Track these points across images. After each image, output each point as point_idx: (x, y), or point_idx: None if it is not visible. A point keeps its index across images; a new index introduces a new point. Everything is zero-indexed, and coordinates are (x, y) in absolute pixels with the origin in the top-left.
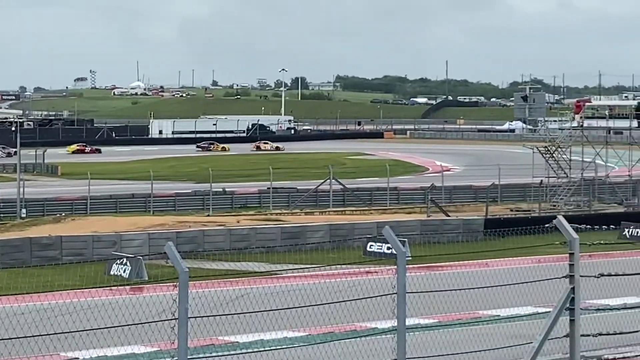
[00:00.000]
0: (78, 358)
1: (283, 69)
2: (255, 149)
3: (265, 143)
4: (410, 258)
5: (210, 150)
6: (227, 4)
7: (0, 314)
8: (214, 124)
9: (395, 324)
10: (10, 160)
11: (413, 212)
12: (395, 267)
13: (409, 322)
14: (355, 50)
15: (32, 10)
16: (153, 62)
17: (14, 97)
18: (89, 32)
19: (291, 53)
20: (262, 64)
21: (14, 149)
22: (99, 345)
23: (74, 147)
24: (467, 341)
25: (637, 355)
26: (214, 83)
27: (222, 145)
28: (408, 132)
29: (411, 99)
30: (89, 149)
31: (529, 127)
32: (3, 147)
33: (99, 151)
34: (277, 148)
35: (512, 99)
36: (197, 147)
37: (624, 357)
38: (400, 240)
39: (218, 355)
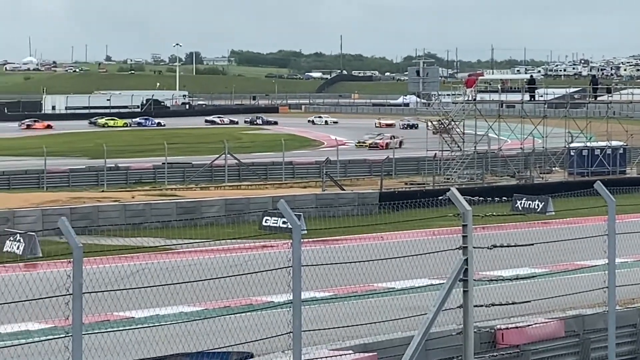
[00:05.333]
0: None
1: (177, 44)
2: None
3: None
4: (305, 232)
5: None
6: None
7: None
8: (107, 99)
9: (291, 297)
10: None
11: (308, 186)
12: (291, 240)
13: (305, 295)
14: (249, 25)
15: None
16: (45, 37)
17: None
18: None
19: (185, 28)
20: (156, 38)
21: None
22: None
23: None
24: (362, 313)
25: (528, 325)
26: (108, 58)
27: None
28: (303, 106)
29: (306, 74)
30: None
31: (422, 101)
32: None
33: None
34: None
35: (406, 73)
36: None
37: (516, 327)
38: (295, 214)
39: (113, 331)
